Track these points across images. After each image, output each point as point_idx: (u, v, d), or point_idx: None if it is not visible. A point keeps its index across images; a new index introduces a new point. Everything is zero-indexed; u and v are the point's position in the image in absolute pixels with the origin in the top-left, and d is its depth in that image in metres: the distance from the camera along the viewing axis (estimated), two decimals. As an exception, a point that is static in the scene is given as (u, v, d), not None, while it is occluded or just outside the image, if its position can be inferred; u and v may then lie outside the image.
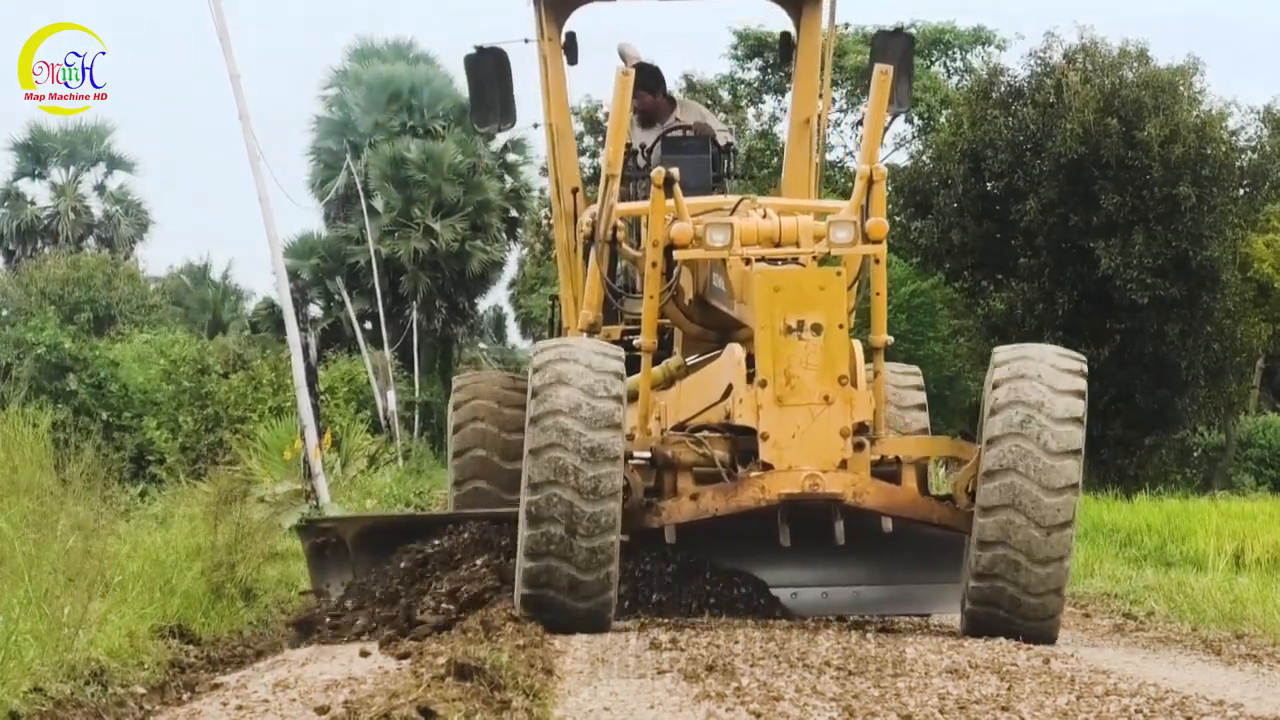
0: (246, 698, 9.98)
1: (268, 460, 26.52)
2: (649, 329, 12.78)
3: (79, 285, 57.52)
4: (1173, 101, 44.76)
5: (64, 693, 10.31)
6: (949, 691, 9.19)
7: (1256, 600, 17.22)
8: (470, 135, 66.86)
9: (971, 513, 12.03)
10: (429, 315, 66.26)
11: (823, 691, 9.09)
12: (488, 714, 7.34)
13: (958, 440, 13.04)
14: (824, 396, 11.96)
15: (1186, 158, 44.06)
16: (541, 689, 8.58)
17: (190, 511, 20.39)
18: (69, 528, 12.99)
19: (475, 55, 14.71)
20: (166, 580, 15.10)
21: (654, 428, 12.93)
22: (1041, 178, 44.16)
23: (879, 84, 12.64)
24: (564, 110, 15.20)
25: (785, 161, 15.51)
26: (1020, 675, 10.23)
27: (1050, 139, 43.93)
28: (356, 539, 13.83)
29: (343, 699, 8.83)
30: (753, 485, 12.04)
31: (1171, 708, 8.78)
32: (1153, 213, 43.78)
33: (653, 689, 9.38)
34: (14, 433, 14.08)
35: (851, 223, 12.36)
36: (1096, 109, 43.99)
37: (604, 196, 13.31)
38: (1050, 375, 11.92)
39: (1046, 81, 45.18)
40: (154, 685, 11.36)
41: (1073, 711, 8.57)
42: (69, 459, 14.47)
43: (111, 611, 12.56)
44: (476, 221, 66.84)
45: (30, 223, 71.25)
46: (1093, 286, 43.10)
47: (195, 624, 14.18)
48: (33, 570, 11.50)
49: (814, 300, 11.98)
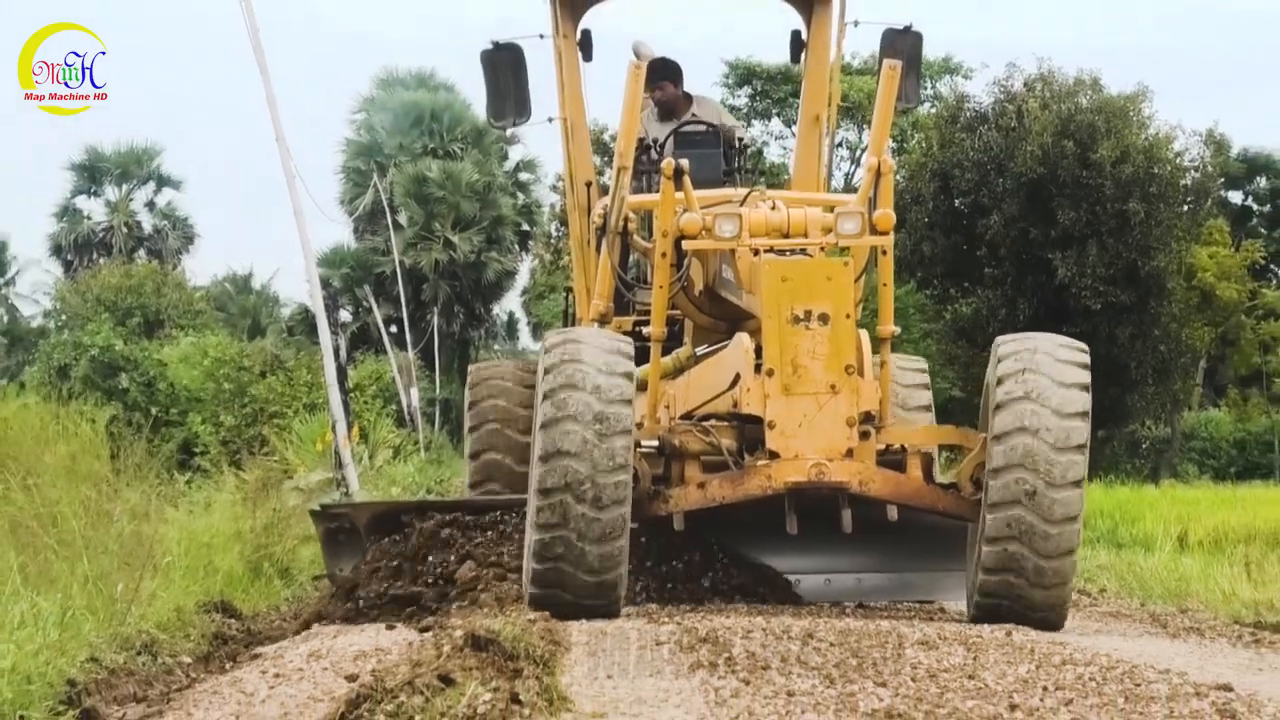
0: (283, 667, 9.98)
1: (302, 451, 26.55)
2: (658, 319, 12.03)
3: (130, 293, 57.42)
4: (1123, 125, 44.78)
5: (118, 662, 10.31)
6: (920, 661, 9.18)
7: (1199, 578, 17.24)
8: (486, 156, 66.96)
9: (977, 501, 11.38)
10: (448, 320, 66.21)
11: (806, 661, 9.08)
12: (501, 681, 7.32)
13: (963, 429, 12.37)
14: (831, 386, 11.22)
15: (1136, 177, 44.08)
16: (551, 659, 8.56)
17: (231, 498, 20.39)
18: (123, 513, 12.99)
19: (492, 50, 13.87)
20: (210, 560, 15.11)
21: (662, 416, 12.23)
22: (1004, 195, 44.18)
23: (888, 79, 12.13)
24: (579, 105, 14.26)
25: (795, 157, 14.84)
26: (985, 646, 10.22)
27: (1012, 160, 43.97)
28: (369, 524, 13.13)
29: (370, 668, 8.83)
30: (759, 473, 11.29)
31: (1121, 675, 8.77)
32: (1105, 227, 43.79)
33: (652, 659, 9.36)
34: (72, 426, 14.08)
35: (859, 214, 11.61)
36: (1054, 132, 44.00)
37: (615, 188, 12.63)
38: (1055, 369, 11.18)
39: (1009, 107, 45.21)
40: (199, 655, 11.38)
41: (1033, 679, 8.56)
42: (122, 451, 14.47)
43: (160, 589, 12.56)
44: (491, 235, 66.98)
45: (86, 236, 71.30)
46: (1051, 294, 43.16)
47: (236, 600, 14.19)
48: (90, 552, 11.51)
49: (821, 290, 11.25)
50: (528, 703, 7.08)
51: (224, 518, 17.91)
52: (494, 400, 14.12)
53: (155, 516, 14.53)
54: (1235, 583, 16.65)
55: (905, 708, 7.59)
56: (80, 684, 9.23)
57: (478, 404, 14.20)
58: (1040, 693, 8.11)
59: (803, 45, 14.29)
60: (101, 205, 72.29)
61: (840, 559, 12.77)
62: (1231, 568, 17.97)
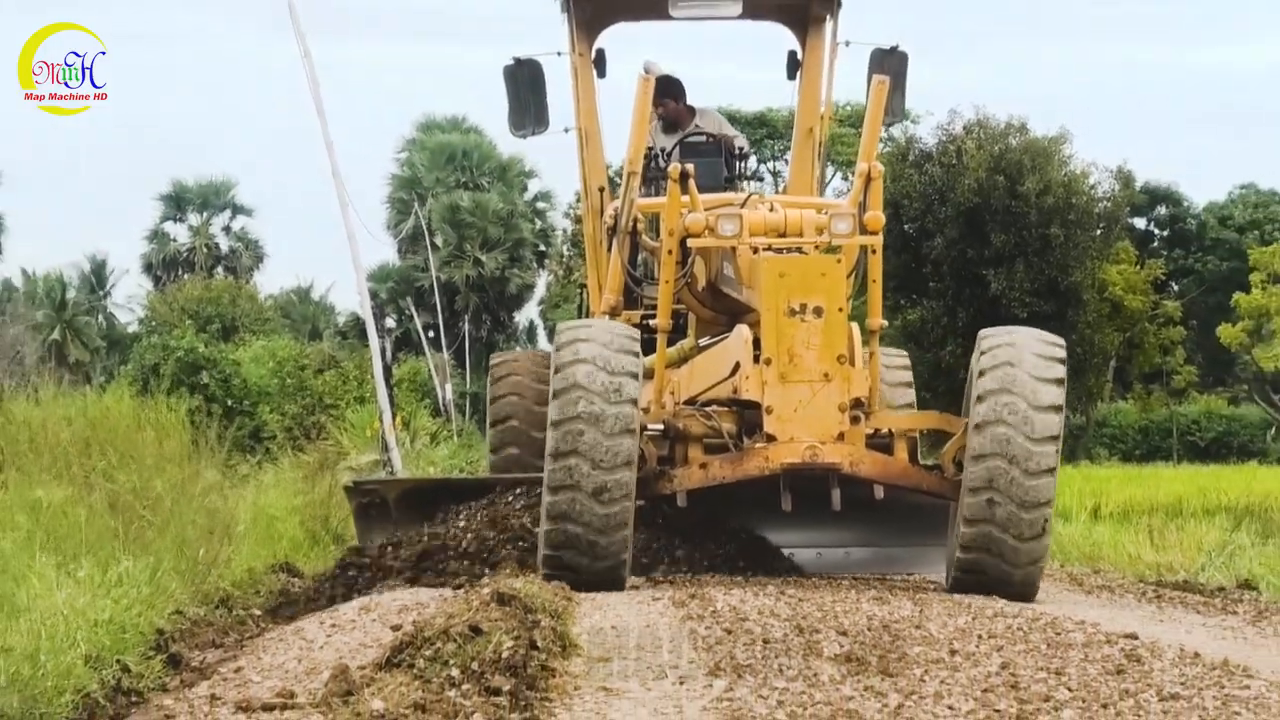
0: (339, 618, 9.97)
1: (353, 436, 26.49)
2: (664, 311, 11.40)
3: (210, 303, 57.49)
4: (1046, 163, 44.93)
5: (199, 615, 10.33)
6: (875, 613, 9.18)
7: (1110, 544, 17.23)
8: (509, 188, 66.98)
9: (958, 481, 10.66)
10: (477, 326, 66.15)
11: (778, 613, 9.08)
12: (521, 631, 7.32)
13: (946, 415, 11.54)
14: (824, 374, 10.59)
15: (1056, 206, 44.22)
16: (563, 611, 8.56)
17: (293, 476, 20.38)
18: (203, 489, 12.98)
19: (513, 66, 12.99)
20: (275, 529, 15.12)
21: (667, 402, 11.49)
22: (946, 221, 44.29)
23: (877, 92, 11.42)
24: (593, 117, 13.32)
25: (790, 166, 13.88)
26: (929, 602, 10.20)
27: (952, 191, 44.12)
28: (398, 500, 12.45)
29: (412, 619, 8.82)
30: (757, 455, 10.67)
31: (1044, 626, 8.77)
32: (1030, 248, 43.90)
33: (649, 611, 9.37)
34: (161, 416, 14.05)
35: (851, 215, 10.97)
36: (988, 169, 44.13)
37: (625, 192, 11.96)
38: (1033, 364, 10.55)
39: (950, 147, 45.33)
40: (267, 609, 11.37)
41: (970, 629, 8.56)
42: (202, 436, 14.46)
43: (234, 553, 12.57)
44: (513, 254, 67.07)
45: (172, 256, 71.46)
46: (985, 304, 43.20)
47: (298, 562, 14.17)
48: (176, 522, 11.50)
49: (815, 285, 10.62)
50: (544, 648, 7.08)
51: (287, 493, 17.91)
52: (513, 378, 13.57)
53: (230, 492, 14.55)
54: (1140, 548, 16.64)
55: (863, 653, 7.59)
56: (167, 633, 9.24)
57: (500, 380, 13.64)
58: (976, 640, 8.11)
59: (798, 64, 13.57)
60: (185, 230, 72.64)
61: (830, 534, 12.08)
62: (1137, 535, 17.95)
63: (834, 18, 12.81)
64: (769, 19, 13.42)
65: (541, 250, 69.43)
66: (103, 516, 10.74)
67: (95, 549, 9.80)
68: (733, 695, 6.42)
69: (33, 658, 7.11)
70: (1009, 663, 7.37)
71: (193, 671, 8.55)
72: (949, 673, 7.05)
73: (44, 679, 7.02)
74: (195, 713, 7.08)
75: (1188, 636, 9.05)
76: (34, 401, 14.07)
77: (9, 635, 7.27)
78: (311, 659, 8.37)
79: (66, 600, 8.20)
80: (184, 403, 19.55)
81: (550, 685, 6.51)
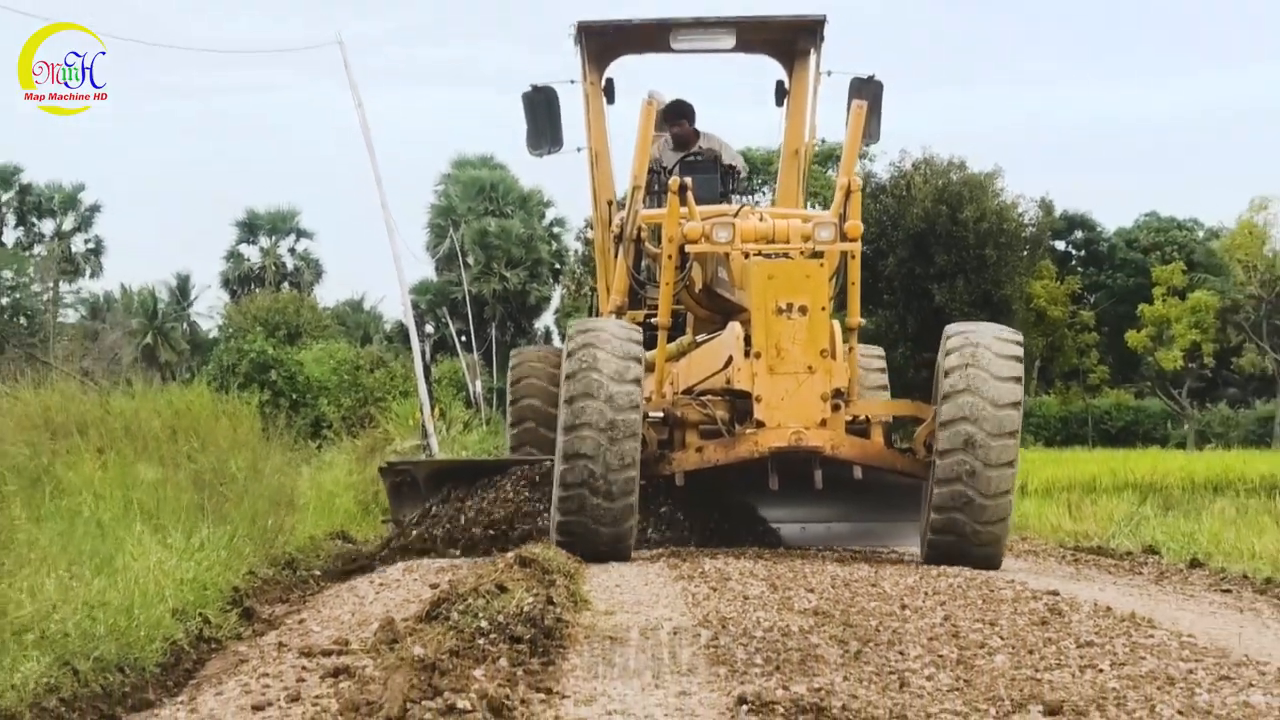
0: (386, 578, 9.97)
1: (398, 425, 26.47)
2: (665, 310, 10.95)
3: (277, 313, 57.32)
4: (982, 194, 44.96)
5: (268, 575, 10.32)
6: (837, 574, 9.18)
7: (1035, 515, 17.26)
8: (529, 215, 67.04)
9: (928, 462, 10.16)
10: (502, 332, 66.12)
11: (756, 574, 9.08)
12: (540, 589, 7.32)
13: (917, 403, 10.86)
14: (808, 366, 10.13)
15: (990, 231, 44.23)
16: (575, 573, 8.56)
17: (348, 458, 20.39)
18: (271, 469, 12.98)
19: (531, 92, 12.36)
20: (333, 502, 15.12)
21: (667, 392, 11.07)
22: (897, 243, 44.29)
23: (856, 115, 10.99)
24: (602, 138, 12.69)
25: (779, 182, 13.21)
26: (882, 563, 10.21)
27: (903, 218, 44.11)
28: (427, 479, 11.98)
29: (447, 579, 8.82)
30: (748, 440, 10.24)
31: (980, 584, 8.78)
32: (969, 266, 43.92)
33: (647, 573, 9.37)
34: (235, 408, 14.05)
35: (833, 224, 10.51)
36: (933, 199, 44.14)
37: (630, 204, 11.57)
38: (993, 364, 10.05)
39: (901, 181, 45.32)
40: (326, 569, 11.36)
41: (917, 586, 8.57)
42: (271, 425, 14.45)
43: (298, 523, 12.56)
44: (533, 271, 67.10)
45: (246, 273, 71.36)
46: (930, 314, 43.18)
47: (352, 530, 14.17)
48: (248, 496, 11.50)
49: (801, 286, 10.16)
50: (559, 603, 7.08)
51: (342, 472, 17.91)
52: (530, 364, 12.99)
53: (294, 471, 14.54)
54: (1060, 518, 16.67)
55: (827, 606, 7.58)
56: (242, 590, 9.23)
57: (518, 368, 13.03)
58: (923, 596, 8.11)
59: (785, 92, 12.94)
60: (257, 251, 72.46)
61: (814, 511, 11.56)
62: (1058, 508, 17.98)
63: (817, 51, 12.36)
64: (759, 52, 12.94)
65: (556, 268, 69.46)
66: (187, 492, 10.73)
67: (181, 519, 9.80)
68: (718, 643, 6.42)
69: (128, 611, 7.11)
70: (950, 615, 7.37)
71: (263, 623, 8.55)
72: (900, 623, 7.05)
73: (137, 629, 7.02)
74: (265, 658, 7.08)
75: (1100, 593, 9.05)
76: (129, 396, 14.06)
77: (108, 592, 7.27)
78: (363, 612, 8.37)
79: (157, 562, 8.19)
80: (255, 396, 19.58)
81: (564, 634, 6.50)
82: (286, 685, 6.07)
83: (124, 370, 38.88)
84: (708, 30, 12.39)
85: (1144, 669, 5.91)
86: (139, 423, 12.44)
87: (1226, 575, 10.93)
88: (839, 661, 5.94)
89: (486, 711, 4.54)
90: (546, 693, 5.13)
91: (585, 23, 12.28)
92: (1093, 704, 5.13)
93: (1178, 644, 6.63)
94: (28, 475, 9.70)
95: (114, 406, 13.01)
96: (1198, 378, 56.60)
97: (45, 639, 6.33)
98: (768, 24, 12.53)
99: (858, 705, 4.98)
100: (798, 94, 12.84)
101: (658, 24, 12.38)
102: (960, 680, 5.55)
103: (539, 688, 5.15)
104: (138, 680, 6.73)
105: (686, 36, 12.43)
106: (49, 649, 6.25)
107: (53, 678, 6.08)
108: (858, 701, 5.04)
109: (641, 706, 5.03)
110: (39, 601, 6.70)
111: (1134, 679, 5.67)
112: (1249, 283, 54.50)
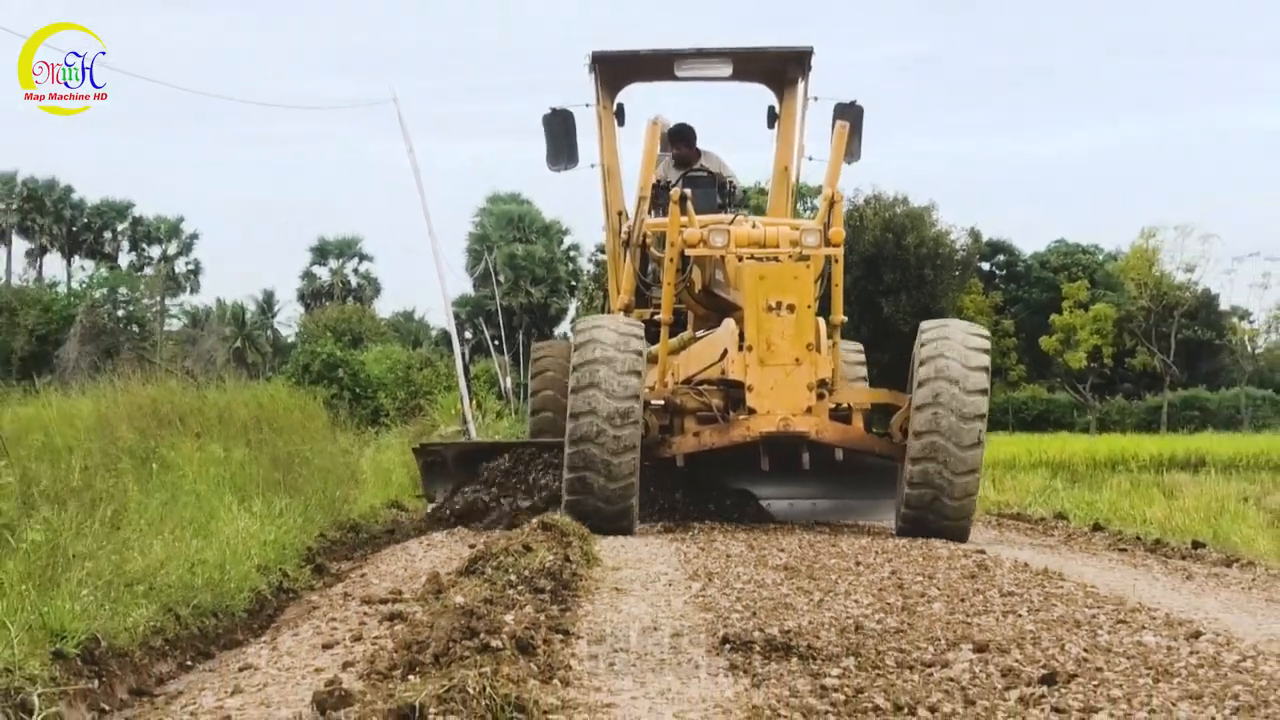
0: (433, 541, 9.96)
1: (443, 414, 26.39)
2: (667, 308, 10.41)
3: (344, 322, 57.31)
4: (922, 224, 45.02)
5: (336, 537, 10.30)
6: (806, 538, 9.17)
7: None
8: (550, 242, 67.15)
9: (904, 445, 9.63)
10: (528, 338, 66.18)
11: (738, 537, 9.07)
12: (559, 549, 7.31)
13: (894, 392, 10.25)
14: (795, 359, 9.62)
15: (929, 255, 44.28)
16: (588, 537, 8.55)
17: (401, 442, 20.33)
18: (338, 450, 12.96)
19: (550, 115, 11.73)
20: (389, 478, 15.08)
21: (669, 382, 10.44)
22: (851, 265, 44.10)
23: (838, 135, 10.48)
24: (614, 156, 12.02)
25: (770, 195, 12.52)
26: (840, 530, 10.19)
27: (857, 244, 44.01)
28: (456, 459, 11.34)
29: (483, 541, 8.81)
30: (741, 425, 9.73)
31: (920, 544, 8.77)
32: (911, 283, 43.95)
33: (646, 537, 9.36)
34: (309, 401, 14.02)
35: (818, 231, 10.02)
36: (881, 228, 44.14)
37: (637, 213, 11.07)
38: (963, 354, 9.51)
39: (854, 214, 45.23)
40: (383, 531, 11.34)
41: (869, 547, 8.55)
42: (337, 415, 14.42)
43: (360, 494, 12.54)
44: (553, 288, 67.25)
45: (317, 289, 71.46)
46: (880, 323, 43.18)
47: (405, 500, 14.15)
48: (319, 472, 11.48)
49: (789, 287, 9.66)
50: (575, 560, 7.07)
51: (396, 453, 17.85)
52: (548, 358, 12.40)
53: (357, 453, 14.51)
54: (987, 490, 16.60)
55: (795, 563, 7.57)
56: (314, 549, 9.23)
57: (539, 359, 12.43)
58: (873, 555, 8.09)
59: (776, 116, 12.27)
60: (327, 271, 72.53)
61: (800, 489, 10.94)
62: (985, 482, 17.90)
63: (805, 79, 11.81)
64: (753, 80, 12.40)
65: (572, 284, 69.48)
66: (268, 469, 10.72)
67: (263, 491, 9.78)
68: (705, 593, 6.41)
69: (221, 567, 7.11)
70: (896, 570, 7.35)
71: (332, 576, 8.55)
72: (854, 577, 7.04)
73: (229, 581, 7.02)
74: (334, 604, 7.07)
75: (1019, 552, 9.03)
76: (222, 391, 14.04)
77: (205, 551, 7.26)
78: (413, 568, 8.36)
79: (244, 527, 8.18)
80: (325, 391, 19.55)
81: (579, 586, 6.50)
82: (351, 628, 6.07)
83: (218, 370, 38.83)
84: (708, 60, 11.92)
85: (1055, 614, 5.91)
86: (229, 413, 12.42)
87: (1122, 537, 10.92)
88: (805, 608, 5.93)
89: (515, 649, 4.54)
90: (564, 634, 5.12)
91: (599, 53, 11.82)
92: (1013, 643, 5.13)
93: (1083, 593, 6.63)
94: (138, 456, 9.69)
95: (209, 399, 13.00)
96: (1099, 375, 56.54)
97: (153, 590, 6.33)
98: (761, 54, 12.02)
99: (820, 644, 4.97)
100: (787, 117, 12.26)
101: (663, 54, 11.84)
102: (904, 624, 5.54)
103: (558, 629, 5.14)
104: (229, 624, 6.74)
105: (689, 66, 11.94)
106: (156, 598, 6.25)
107: (159, 622, 6.08)
108: (820, 641, 5.04)
109: (641, 645, 5.03)
110: (148, 559, 6.70)
111: (1047, 622, 5.66)
112: (1140, 297, 54.63)
